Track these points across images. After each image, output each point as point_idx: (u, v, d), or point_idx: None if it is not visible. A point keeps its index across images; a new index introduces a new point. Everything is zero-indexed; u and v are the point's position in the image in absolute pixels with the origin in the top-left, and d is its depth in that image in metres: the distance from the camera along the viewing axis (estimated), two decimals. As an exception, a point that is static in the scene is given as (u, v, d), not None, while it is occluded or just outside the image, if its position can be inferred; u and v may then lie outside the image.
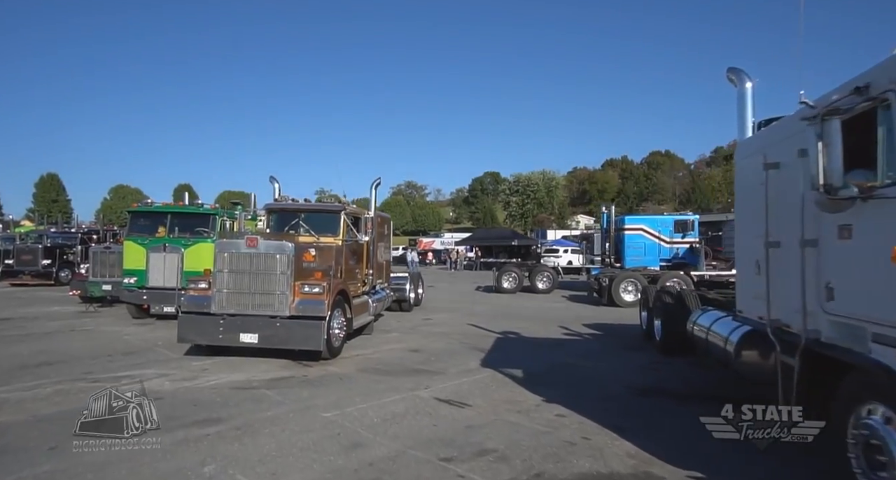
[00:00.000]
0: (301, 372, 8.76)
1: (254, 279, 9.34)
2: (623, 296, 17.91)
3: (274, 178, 12.85)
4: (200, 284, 9.71)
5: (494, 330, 12.97)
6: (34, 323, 14.02)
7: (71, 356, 9.92)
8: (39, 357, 9.81)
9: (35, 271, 24.95)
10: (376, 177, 12.62)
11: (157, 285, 14.39)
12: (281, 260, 9.31)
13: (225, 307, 9.39)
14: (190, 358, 9.72)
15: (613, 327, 13.69)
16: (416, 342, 11.55)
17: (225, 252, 9.45)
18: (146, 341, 11.58)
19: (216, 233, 14.77)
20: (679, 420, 6.22)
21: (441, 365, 9.17)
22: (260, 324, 9.25)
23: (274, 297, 9.31)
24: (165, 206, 15.04)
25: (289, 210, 11.62)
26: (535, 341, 11.61)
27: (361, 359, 9.76)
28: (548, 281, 23.30)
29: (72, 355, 10.00)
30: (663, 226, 21.47)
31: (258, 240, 9.37)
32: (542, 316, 16.14)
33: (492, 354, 10.04)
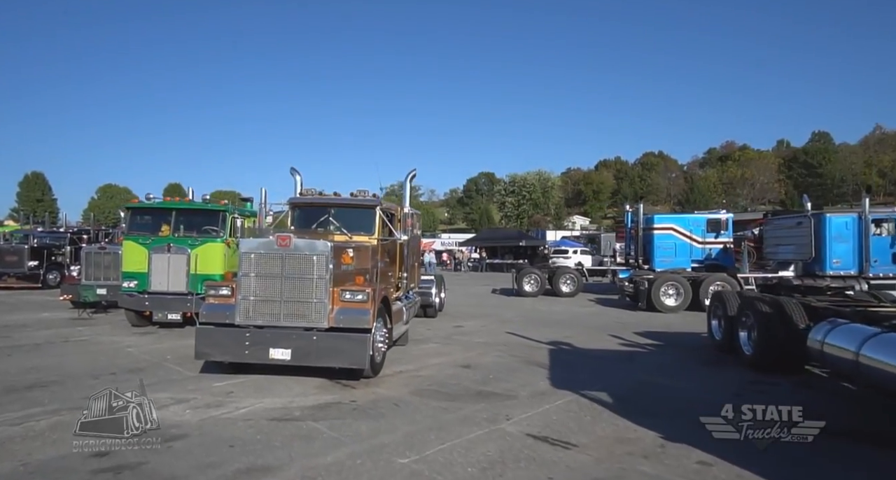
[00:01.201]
0: (346, 395, 7.38)
1: (286, 284, 7.95)
2: (664, 301, 16.63)
3: (295, 170, 11.47)
4: (222, 290, 8.29)
5: (540, 341, 11.66)
6: (22, 333, 12.51)
7: (67, 374, 8.49)
8: (30, 376, 8.37)
9: (20, 273, 23.28)
10: (411, 169, 11.25)
11: (160, 289, 12.94)
12: (318, 262, 7.92)
13: (252, 317, 8.00)
14: (208, 376, 8.32)
15: (669, 336, 12.39)
16: (460, 355, 10.21)
17: (251, 252, 8.05)
18: (152, 354, 10.16)
19: (226, 232, 13.33)
20: (867, 471, 4.92)
21: (506, 386, 7.83)
22: (293, 338, 7.87)
23: (309, 306, 7.92)
24: (169, 202, 13.56)
25: (316, 205, 10.23)
26: (594, 354, 10.29)
27: (409, 378, 8.41)
28: (571, 283, 22.00)
29: (68, 373, 8.57)
30: (695, 225, 20.28)
31: (291, 239, 7.97)
32: (581, 322, 14.84)
33: (556, 371, 8.70)
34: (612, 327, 13.79)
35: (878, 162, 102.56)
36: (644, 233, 21.08)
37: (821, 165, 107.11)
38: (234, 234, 13.57)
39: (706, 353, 10.22)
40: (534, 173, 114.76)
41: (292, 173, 11.47)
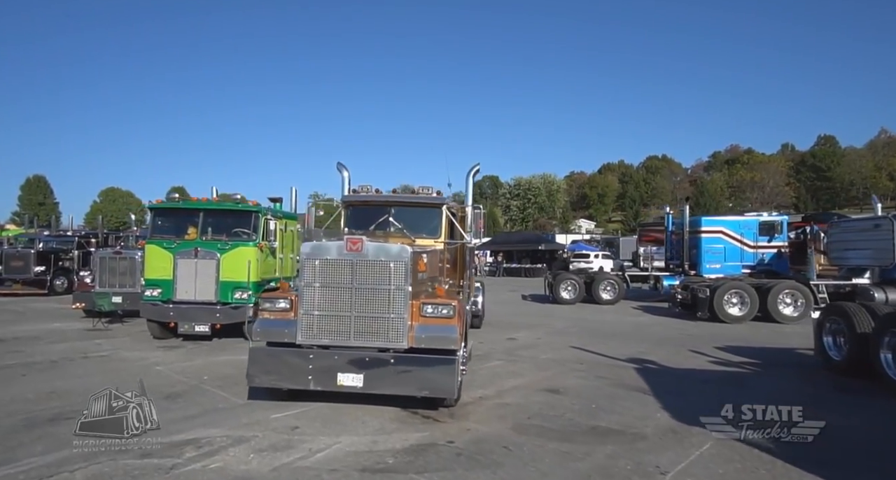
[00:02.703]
0: (436, 432, 6.12)
1: (357, 296, 6.69)
2: (727, 310, 15.34)
3: (342, 165, 10.24)
4: (279, 303, 7.03)
5: (616, 357, 10.44)
6: (34, 347, 11.25)
7: (95, 402, 7.20)
8: (52, 404, 7.12)
9: (26, 279, 22.00)
10: (474, 163, 10.00)
11: (186, 298, 11.72)
12: (396, 269, 6.67)
13: (316, 335, 6.75)
14: (261, 405, 7.07)
15: (759, 352, 11.07)
16: (535, 375, 9.00)
17: (315, 258, 6.79)
18: (185, 374, 8.91)
19: (259, 235, 12.09)
20: None
21: (620, 419, 6.57)
22: (366, 360, 6.63)
23: (385, 322, 6.67)
24: (197, 202, 12.29)
25: (374, 203, 9.00)
26: (691, 375, 9.03)
27: (496, 407, 7.15)
28: (612, 290, 20.72)
29: (83, 389, 7.28)
30: (746, 228, 19.06)
31: (363, 242, 6.72)
32: (645, 334, 13.58)
33: (666, 399, 7.42)
34: (683, 340, 12.54)
35: (887, 165, 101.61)
36: (690, 236, 19.85)
37: (829, 169, 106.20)
38: (267, 237, 12.37)
39: (827, 377, 8.84)
40: (538, 176, 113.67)
41: (339, 169, 10.24)
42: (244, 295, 11.81)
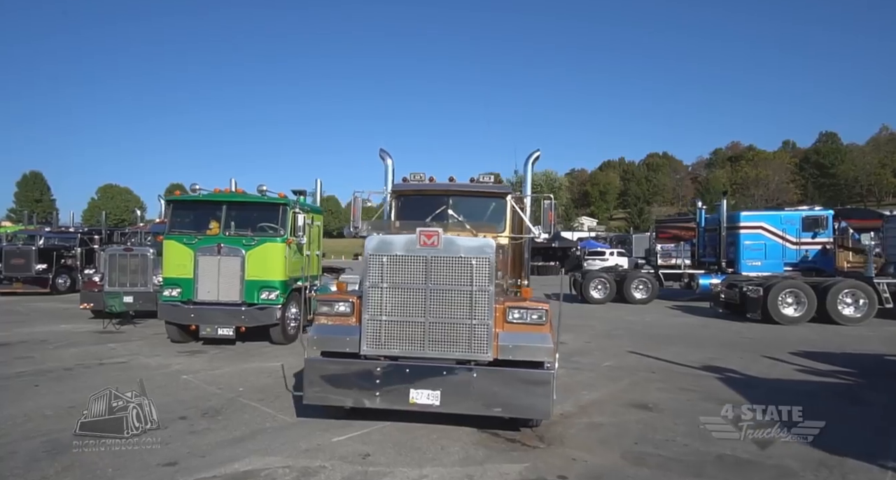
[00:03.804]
0: (536, 461, 5.17)
1: (433, 299, 5.71)
2: (783, 310, 14.35)
3: (385, 152, 9.26)
4: (339, 306, 6.04)
5: (686, 364, 9.53)
6: (44, 352, 10.26)
7: (122, 421, 6.22)
8: (73, 422, 6.08)
9: (27, 277, 20.93)
10: (534, 150, 9.03)
11: (208, 299, 10.75)
12: (480, 267, 5.68)
13: (384, 345, 5.77)
14: (315, 424, 6.12)
15: (840, 358, 10.10)
16: (611, 387, 8.09)
17: (383, 254, 5.81)
18: (217, 385, 7.94)
19: (287, 230, 11.09)
20: None
21: (744, 446, 5.56)
22: (444, 375, 5.65)
23: (466, 329, 5.69)
24: (219, 194, 11.28)
25: (430, 192, 7.99)
26: (788, 387, 8.04)
27: (591, 428, 6.20)
28: (645, 289, 19.77)
29: (122, 418, 6.30)
30: (788, 223, 18.16)
31: (440, 235, 5.73)
32: (700, 337, 12.64)
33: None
34: (748, 344, 11.62)
35: (892, 162, 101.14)
36: (728, 232, 18.93)
37: (833, 166, 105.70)
38: (296, 233, 11.37)
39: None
40: (540, 174, 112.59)
41: (382, 156, 9.26)
42: (271, 295, 10.83)
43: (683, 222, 29.31)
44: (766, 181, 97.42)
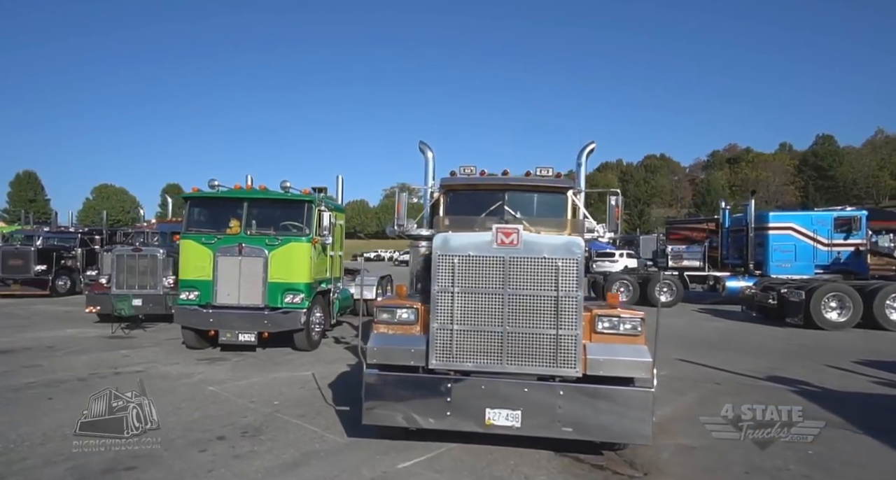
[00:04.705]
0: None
1: (511, 305, 5.02)
2: (826, 315, 13.73)
3: (426, 145, 8.59)
4: (402, 313, 5.34)
5: (750, 374, 8.89)
6: (53, 359, 9.52)
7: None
8: (98, 441, 5.37)
9: (26, 279, 20.08)
10: (589, 142, 8.37)
11: (228, 302, 10.01)
12: (566, 269, 5.00)
13: (456, 358, 5.07)
14: (372, 445, 5.43)
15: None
16: (680, 400, 7.50)
17: (453, 254, 5.11)
18: (248, 397, 7.23)
19: (312, 229, 10.38)
20: None
21: (864, 475, 4.92)
22: (525, 392, 4.96)
23: (551, 341, 4.99)
24: (240, 191, 10.55)
25: (484, 187, 7.31)
26: (877, 402, 7.42)
27: (684, 452, 5.52)
28: (670, 292, 19.13)
29: (150, 432, 5.59)
30: (820, 223, 17.56)
31: (519, 234, 5.04)
32: (745, 344, 11.97)
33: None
34: (799, 352, 10.99)
35: (889, 164, 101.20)
36: (756, 233, 18.32)
37: (831, 167, 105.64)
38: (321, 232, 10.66)
39: None
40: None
41: (422, 149, 8.59)
42: (296, 298, 10.12)
43: (695, 223, 28.90)
44: (766, 183, 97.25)
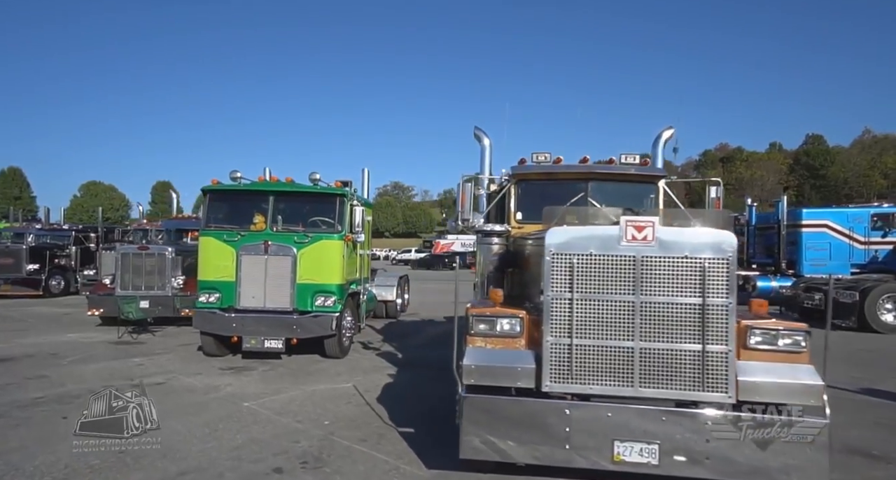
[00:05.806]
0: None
1: (645, 315, 4.13)
2: (882, 318, 12.98)
3: (481, 131, 7.72)
4: (503, 324, 4.46)
5: (842, 387, 7.99)
6: (59, 368, 8.54)
7: (190, 470, 4.57)
8: (131, 475, 4.45)
9: (17, 278, 18.92)
10: (666, 126, 7.52)
11: (253, 306, 9.07)
12: (715, 270, 4.12)
13: (574, 378, 4.18)
14: (459, 478, 4.50)
15: None
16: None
17: (571, 252, 4.22)
18: (294, 416, 6.31)
19: (345, 226, 9.44)
20: None
21: None
22: (662, 422, 4.08)
23: (695, 359, 4.10)
24: (265, 183, 9.59)
25: (563, 176, 6.44)
26: None
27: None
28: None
29: (191, 467, 4.65)
30: (856, 221, 16.82)
31: (654, 228, 4.14)
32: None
33: None
34: (875, 360, 10.22)
35: (880, 163, 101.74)
36: (789, 230, 17.56)
37: (823, 167, 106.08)
38: (354, 229, 9.71)
39: None
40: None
41: (477, 136, 7.71)
42: (328, 301, 9.17)
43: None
44: (761, 182, 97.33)
